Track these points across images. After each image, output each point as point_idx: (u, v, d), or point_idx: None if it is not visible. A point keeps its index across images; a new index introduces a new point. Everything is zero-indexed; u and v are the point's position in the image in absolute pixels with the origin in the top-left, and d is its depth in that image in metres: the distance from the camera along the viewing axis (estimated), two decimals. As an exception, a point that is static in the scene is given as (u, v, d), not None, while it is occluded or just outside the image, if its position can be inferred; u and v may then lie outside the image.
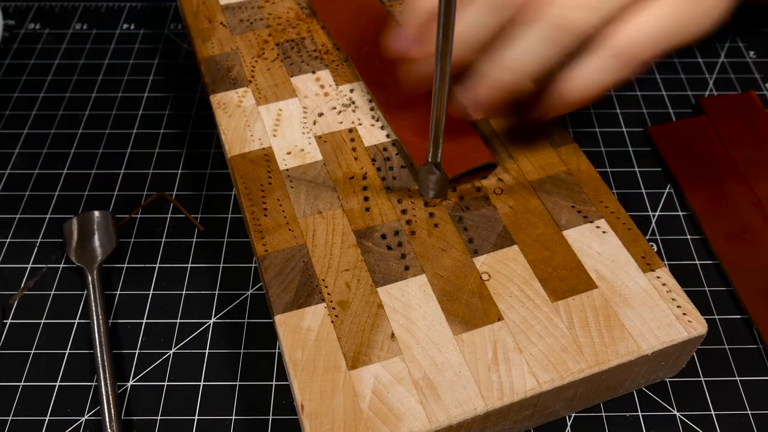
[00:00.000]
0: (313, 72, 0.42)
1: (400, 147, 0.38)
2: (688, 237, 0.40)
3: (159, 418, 0.33)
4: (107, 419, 0.32)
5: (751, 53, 0.52)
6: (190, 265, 0.39)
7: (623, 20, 0.32)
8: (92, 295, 0.36)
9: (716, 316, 0.37)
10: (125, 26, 0.55)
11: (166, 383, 0.34)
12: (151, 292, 0.38)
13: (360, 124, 0.39)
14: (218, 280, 0.38)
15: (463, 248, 0.34)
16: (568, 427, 0.33)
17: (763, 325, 0.36)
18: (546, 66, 0.33)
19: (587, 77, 0.33)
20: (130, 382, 0.35)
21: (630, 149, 0.45)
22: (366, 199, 0.36)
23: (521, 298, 0.32)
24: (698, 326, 0.31)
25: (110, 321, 0.37)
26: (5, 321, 0.37)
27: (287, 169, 0.37)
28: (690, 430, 0.33)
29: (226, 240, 0.40)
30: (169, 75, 0.50)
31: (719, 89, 0.49)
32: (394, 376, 0.29)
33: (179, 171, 0.44)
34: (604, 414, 0.34)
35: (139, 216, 0.41)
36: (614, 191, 0.42)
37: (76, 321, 0.37)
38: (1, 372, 0.35)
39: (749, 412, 0.34)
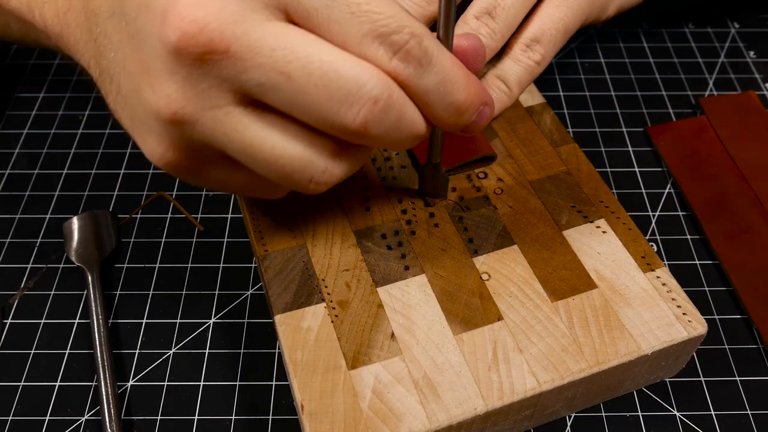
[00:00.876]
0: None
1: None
2: (688, 237, 0.40)
3: (159, 418, 0.33)
4: (107, 419, 0.32)
5: (751, 53, 0.52)
6: (190, 265, 0.39)
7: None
8: (92, 295, 0.36)
9: (716, 316, 0.37)
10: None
11: (166, 383, 0.34)
12: (151, 292, 0.38)
13: (360, 124, 0.39)
14: (218, 280, 0.38)
15: (463, 248, 0.34)
16: (568, 427, 0.33)
17: (763, 325, 0.36)
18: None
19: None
20: (130, 382, 0.35)
21: (630, 149, 0.45)
22: (366, 199, 0.36)
23: (521, 298, 0.32)
24: (698, 326, 0.31)
25: (110, 321, 0.37)
26: (5, 321, 0.37)
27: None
28: (690, 430, 0.33)
29: (226, 240, 0.40)
30: (169, 75, 0.50)
31: (719, 89, 0.49)
32: (394, 376, 0.29)
33: (179, 171, 0.44)
34: (604, 414, 0.34)
35: (139, 216, 0.41)
36: (614, 191, 0.42)
37: (76, 321, 0.37)
38: (1, 372, 0.35)
39: (749, 412, 0.34)
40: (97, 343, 0.35)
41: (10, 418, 0.33)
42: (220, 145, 0.26)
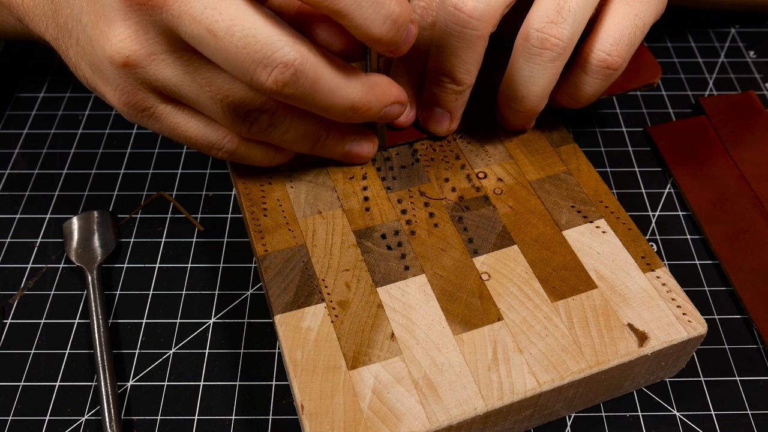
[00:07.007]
0: (313, 72, 0.42)
1: (400, 147, 0.38)
2: (688, 237, 0.40)
3: (159, 418, 0.33)
4: (107, 419, 0.32)
5: (751, 53, 0.52)
6: (190, 265, 0.39)
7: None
8: (92, 295, 0.36)
9: (716, 316, 0.37)
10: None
11: (166, 383, 0.34)
12: (151, 292, 0.38)
13: (360, 124, 0.39)
14: (218, 280, 0.38)
15: (462, 248, 0.34)
16: (568, 427, 0.33)
17: (763, 325, 0.36)
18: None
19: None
20: (130, 382, 0.35)
21: (630, 149, 0.45)
22: (366, 199, 0.36)
23: (521, 298, 0.32)
24: (698, 326, 0.31)
25: (110, 321, 0.37)
26: (5, 321, 0.37)
27: (287, 169, 0.37)
28: (690, 430, 0.33)
29: (226, 240, 0.40)
30: (169, 75, 0.50)
31: (719, 89, 0.49)
32: (394, 376, 0.29)
33: (179, 171, 0.44)
34: (604, 414, 0.34)
35: (139, 216, 0.41)
36: (614, 191, 0.42)
37: (76, 321, 0.37)
38: (1, 372, 0.35)
39: (749, 412, 0.34)
40: (97, 343, 0.35)
41: (10, 418, 0.33)
42: (171, 86, 0.30)
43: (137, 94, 0.31)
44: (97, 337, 0.35)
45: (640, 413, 0.34)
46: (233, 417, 0.33)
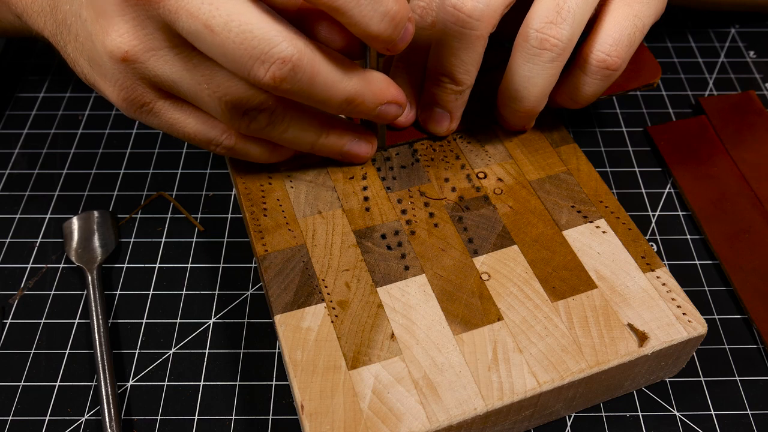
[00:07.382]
0: (313, 72, 0.42)
1: (400, 147, 0.38)
2: (688, 237, 0.40)
3: (159, 418, 0.33)
4: (107, 419, 0.32)
5: (751, 53, 0.52)
6: (190, 265, 0.39)
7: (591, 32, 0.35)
8: (92, 295, 0.36)
9: (716, 316, 0.37)
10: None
11: (166, 383, 0.34)
12: (151, 292, 0.38)
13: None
14: (218, 280, 0.38)
15: (462, 248, 0.34)
16: (568, 427, 0.33)
17: (763, 325, 0.36)
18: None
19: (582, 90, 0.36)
20: (130, 382, 0.35)
21: (630, 149, 0.45)
22: (366, 199, 0.36)
23: (521, 298, 0.32)
24: (698, 326, 0.31)
25: (110, 321, 0.37)
26: (5, 321, 0.37)
27: (287, 169, 0.37)
28: (690, 430, 0.33)
29: (226, 240, 0.40)
30: (169, 75, 0.50)
31: (719, 89, 0.49)
32: (394, 376, 0.29)
33: (179, 171, 0.44)
34: (604, 414, 0.34)
35: (139, 216, 0.41)
36: (614, 191, 0.42)
37: (76, 321, 0.37)
38: (1, 372, 0.35)
39: (749, 412, 0.34)
40: (97, 343, 0.35)
41: (10, 418, 0.33)
42: (170, 82, 0.30)
43: (136, 89, 0.31)
44: (97, 337, 0.35)
45: (640, 413, 0.34)
46: (233, 417, 0.33)
